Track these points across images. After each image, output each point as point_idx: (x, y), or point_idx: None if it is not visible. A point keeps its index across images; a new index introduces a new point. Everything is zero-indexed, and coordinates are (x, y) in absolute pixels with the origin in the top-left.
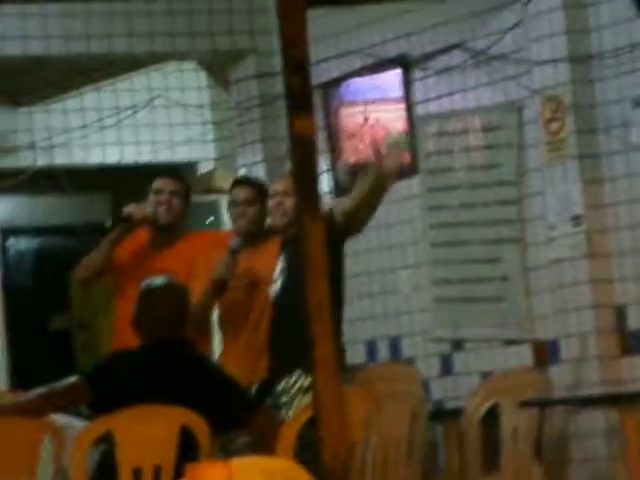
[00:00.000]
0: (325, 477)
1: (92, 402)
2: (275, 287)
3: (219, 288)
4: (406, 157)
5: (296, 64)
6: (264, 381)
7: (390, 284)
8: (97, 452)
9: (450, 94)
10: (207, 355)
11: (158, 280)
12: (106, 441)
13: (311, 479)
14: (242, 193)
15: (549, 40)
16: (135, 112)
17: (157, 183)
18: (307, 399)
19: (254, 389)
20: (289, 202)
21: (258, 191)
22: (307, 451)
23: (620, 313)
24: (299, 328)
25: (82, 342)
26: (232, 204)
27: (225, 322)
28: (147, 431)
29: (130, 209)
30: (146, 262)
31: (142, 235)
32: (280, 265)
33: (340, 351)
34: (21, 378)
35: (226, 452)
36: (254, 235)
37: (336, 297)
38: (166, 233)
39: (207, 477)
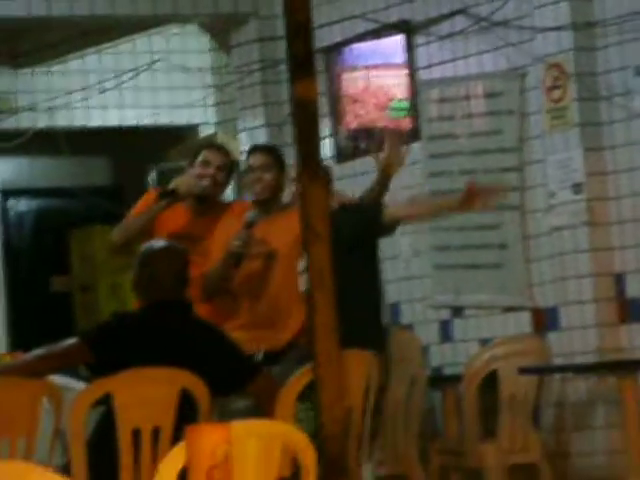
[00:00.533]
0: (323, 440)
1: (91, 364)
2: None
3: (234, 260)
4: (407, 123)
5: (298, 28)
6: (275, 350)
7: (390, 250)
8: (96, 413)
9: (453, 60)
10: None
11: (158, 243)
12: (105, 403)
13: (309, 443)
14: (259, 159)
15: (552, 7)
16: (136, 75)
17: (205, 154)
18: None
19: (260, 356)
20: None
21: (275, 158)
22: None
23: (619, 281)
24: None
25: (82, 304)
26: (248, 170)
27: (240, 291)
28: (146, 393)
29: (177, 182)
30: (188, 233)
31: (179, 207)
32: None
33: (383, 332)
34: (21, 339)
35: (224, 415)
36: (270, 204)
37: (378, 281)
38: (207, 205)
39: (206, 439)
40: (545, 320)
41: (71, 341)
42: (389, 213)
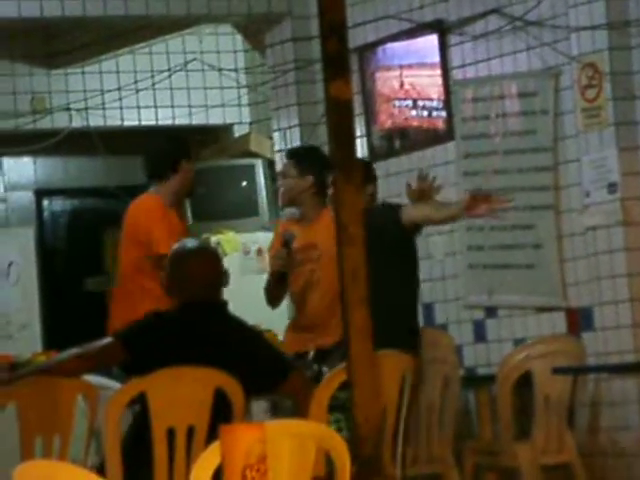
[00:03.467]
0: (357, 441)
1: (125, 363)
2: None
3: (278, 279)
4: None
5: (333, 28)
6: (323, 349)
7: (424, 250)
8: (131, 413)
9: (487, 59)
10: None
11: (190, 243)
12: (140, 402)
13: (343, 443)
14: (280, 167)
15: (587, 6)
16: (170, 75)
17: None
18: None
19: (311, 356)
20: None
21: (295, 162)
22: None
23: None
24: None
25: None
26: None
27: (292, 295)
28: (181, 392)
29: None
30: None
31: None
32: None
33: (416, 332)
34: (55, 339)
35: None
36: (304, 209)
37: (412, 282)
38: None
39: (241, 439)
40: (579, 320)
41: (106, 341)
42: (406, 213)
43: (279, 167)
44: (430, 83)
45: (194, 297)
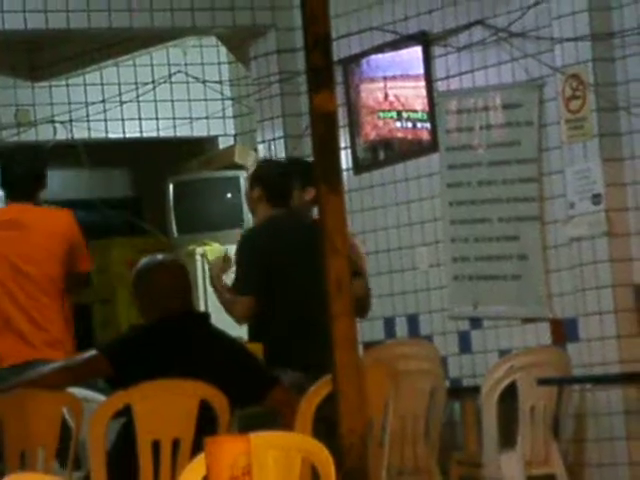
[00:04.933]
0: (343, 452)
1: (110, 376)
2: None
3: None
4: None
5: (317, 40)
6: None
7: (409, 261)
8: (116, 425)
9: (471, 71)
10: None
11: (154, 257)
12: (125, 414)
13: (329, 454)
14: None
15: (571, 18)
16: (154, 87)
17: None
18: None
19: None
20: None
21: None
22: (322, 426)
23: (639, 292)
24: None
25: (102, 317)
26: None
27: None
28: (166, 405)
29: None
30: None
31: None
32: None
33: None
34: None
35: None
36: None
37: None
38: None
39: (226, 451)
40: (564, 331)
41: (90, 354)
42: None
43: None
44: (414, 95)
45: (168, 309)
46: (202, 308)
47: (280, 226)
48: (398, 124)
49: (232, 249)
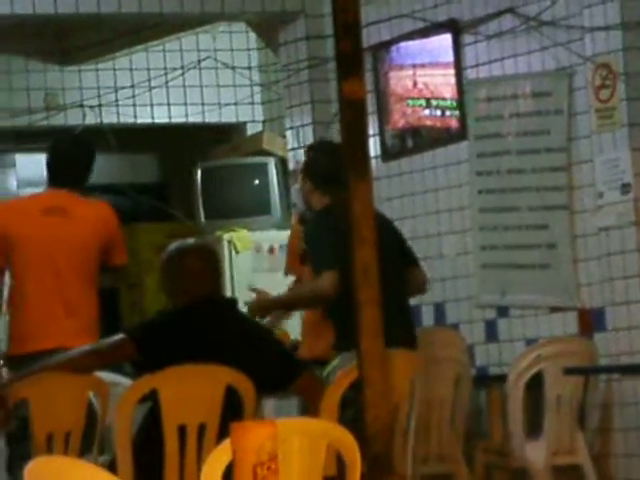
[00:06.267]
0: (368, 439)
1: (136, 360)
2: None
3: None
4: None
5: (347, 26)
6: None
7: (436, 249)
8: (142, 410)
9: (501, 59)
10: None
11: (185, 242)
12: (151, 399)
13: (354, 441)
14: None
15: (601, 6)
16: (184, 73)
17: None
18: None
19: None
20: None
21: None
22: (348, 411)
23: None
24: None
25: (129, 300)
26: None
27: None
28: (192, 390)
29: None
30: None
31: None
32: None
33: (412, 330)
34: None
35: None
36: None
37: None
38: None
39: (252, 436)
40: (592, 321)
41: (117, 338)
42: None
43: (292, 165)
44: (443, 82)
45: (197, 294)
46: (228, 294)
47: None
48: (427, 112)
49: (259, 235)
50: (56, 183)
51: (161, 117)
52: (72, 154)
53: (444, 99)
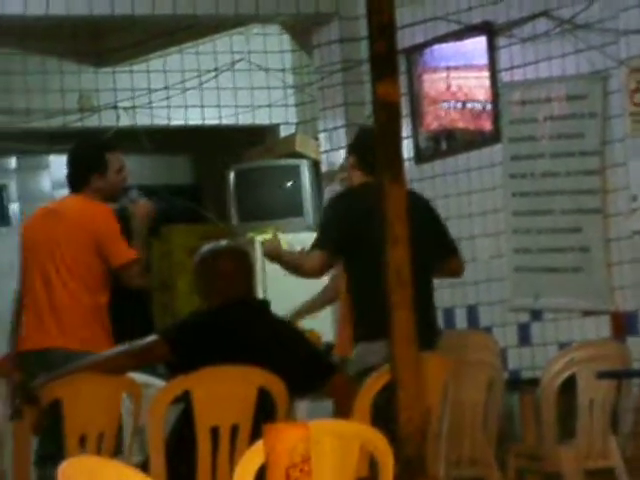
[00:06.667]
0: (401, 441)
1: (170, 361)
2: None
3: None
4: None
5: (382, 28)
6: None
7: (469, 252)
8: (175, 411)
9: (535, 62)
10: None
11: (218, 243)
12: (184, 400)
13: (387, 443)
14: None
15: (637, 10)
16: (217, 74)
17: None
18: None
19: None
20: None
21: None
22: (380, 414)
23: None
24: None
25: (162, 303)
26: None
27: None
28: (225, 391)
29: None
30: None
31: None
32: None
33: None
34: None
35: None
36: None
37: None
38: None
39: (285, 438)
40: (625, 324)
41: (151, 339)
42: None
43: (324, 168)
44: (477, 85)
45: (230, 295)
46: (260, 296)
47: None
48: (461, 114)
49: (292, 237)
50: (68, 187)
51: (195, 119)
52: (68, 158)
53: (478, 102)
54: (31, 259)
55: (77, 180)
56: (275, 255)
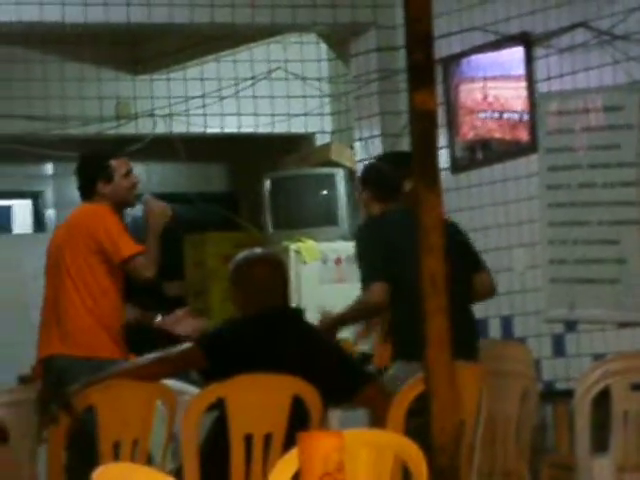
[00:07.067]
0: (434, 451)
1: (204, 369)
2: None
3: None
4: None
5: (420, 38)
6: None
7: (504, 262)
8: (209, 418)
9: (572, 73)
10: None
11: (254, 251)
12: (218, 408)
13: (421, 453)
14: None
15: None
16: (254, 83)
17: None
18: None
19: None
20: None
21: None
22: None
23: None
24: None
25: (196, 309)
26: None
27: None
28: (259, 399)
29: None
30: None
31: None
32: None
33: (474, 341)
34: (135, 343)
35: None
36: None
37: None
38: None
39: (319, 447)
40: None
41: (185, 346)
42: None
43: None
44: (514, 95)
45: (265, 303)
46: (295, 304)
47: (398, 218)
48: (497, 124)
49: (326, 246)
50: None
51: (231, 127)
52: (75, 170)
53: (515, 112)
54: (46, 271)
55: (84, 190)
56: (337, 322)
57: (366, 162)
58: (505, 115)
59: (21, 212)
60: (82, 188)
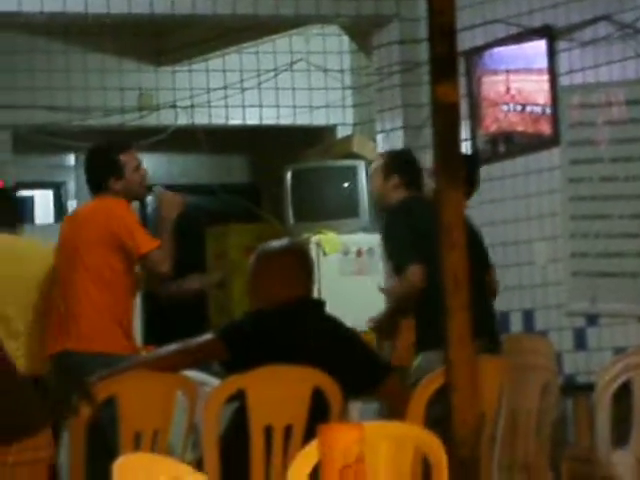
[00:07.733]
0: (455, 444)
1: (225, 360)
2: None
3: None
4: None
5: (443, 30)
6: None
7: (526, 255)
8: (229, 410)
9: (595, 66)
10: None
11: (278, 243)
12: (239, 399)
13: (441, 445)
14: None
15: None
16: (276, 75)
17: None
18: None
19: None
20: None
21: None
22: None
23: None
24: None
25: (217, 301)
26: None
27: None
28: (280, 390)
29: None
30: None
31: None
32: None
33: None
34: (155, 334)
35: None
36: None
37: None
38: None
39: (339, 439)
40: None
41: (207, 337)
42: None
43: None
44: (537, 88)
45: (288, 295)
46: (315, 295)
47: (423, 204)
48: (519, 117)
49: (347, 238)
50: (90, 191)
51: (253, 119)
52: (84, 164)
53: (537, 105)
54: (56, 266)
55: (95, 185)
56: (391, 314)
57: (383, 151)
58: (527, 108)
59: (43, 203)
60: (92, 182)
